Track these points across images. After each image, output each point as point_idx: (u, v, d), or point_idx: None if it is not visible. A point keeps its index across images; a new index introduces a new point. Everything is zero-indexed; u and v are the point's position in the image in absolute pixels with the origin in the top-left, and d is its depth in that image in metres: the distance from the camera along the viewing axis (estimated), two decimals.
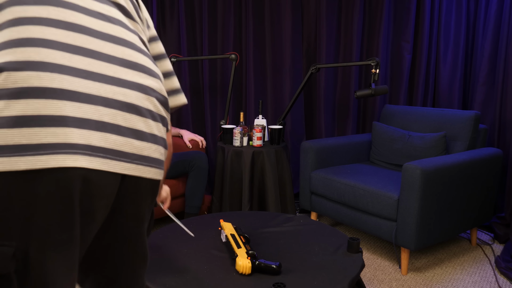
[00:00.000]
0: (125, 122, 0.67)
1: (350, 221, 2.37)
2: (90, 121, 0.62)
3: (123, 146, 0.66)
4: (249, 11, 3.10)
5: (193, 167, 2.45)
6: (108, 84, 0.68)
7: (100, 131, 0.63)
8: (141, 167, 0.70)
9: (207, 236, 1.67)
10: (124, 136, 0.67)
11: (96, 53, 0.69)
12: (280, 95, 3.25)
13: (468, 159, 2.20)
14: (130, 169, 0.68)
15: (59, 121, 0.59)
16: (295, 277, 1.34)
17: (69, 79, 0.63)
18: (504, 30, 2.57)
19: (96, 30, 0.71)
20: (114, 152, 0.65)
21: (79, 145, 0.60)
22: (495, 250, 2.43)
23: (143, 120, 0.71)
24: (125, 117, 0.67)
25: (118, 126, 0.66)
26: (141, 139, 0.70)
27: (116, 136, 0.65)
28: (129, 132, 0.68)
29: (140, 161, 0.69)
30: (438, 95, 3.00)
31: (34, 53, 0.62)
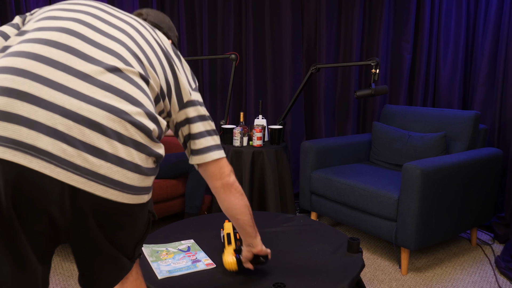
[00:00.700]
0: (81, 136, 0.68)
1: (350, 221, 2.37)
2: (42, 125, 0.64)
3: (73, 157, 0.67)
4: (249, 11, 3.10)
5: (193, 167, 2.45)
6: (78, 100, 0.70)
7: (50, 137, 0.65)
8: (94, 183, 0.69)
9: (207, 236, 1.67)
10: (77, 148, 0.67)
11: (83, 74, 0.73)
12: (280, 95, 3.25)
13: (468, 159, 2.20)
14: (78, 182, 0.68)
15: (12, 118, 0.62)
16: (295, 277, 1.34)
17: (38, 86, 0.67)
18: (504, 30, 2.57)
19: (94, 57, 0.76)
20: (61, 160, 0.65)
21: (23, 143, 0.63)
22: (495, 250, 2.43)
23: (107, 140, 0.71)
24: (83, 131, 0.68)
25: (72, 137, 0.67)
26: (99, 157, 0.70)
27: (66, 146, 0.66)
28: (84, 147, 0.68)
29: (93, 178, 0.69)
30: (438, 95, 3.00)
31: (22, 62, 0.68)
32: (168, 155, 2.53)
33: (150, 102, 0.83)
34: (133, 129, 0.76)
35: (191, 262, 1.43)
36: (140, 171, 0.77)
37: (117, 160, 0.72)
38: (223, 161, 1.07)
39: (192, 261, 1.44)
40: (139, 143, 0.77)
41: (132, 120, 0.76)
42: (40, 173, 0.64)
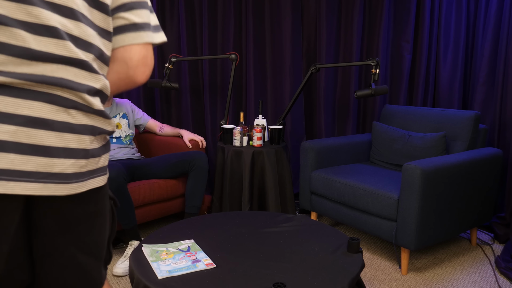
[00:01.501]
0: (28, 139, 0.61)
1: (350, 221, 2.37)
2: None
3: (23, 165, 0.60)
4: (249, 11, 3.10)
5: (193, 167, 2.45)
6: (11, 97, 0.60)
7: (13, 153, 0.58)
8: (52, 185, 0.64)
9: (207, 236, 1.67)
10: (25, 154, 0.61)
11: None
12: (280, 95, 3.25)
13: (468, 159, 2.20)
14: (35, 189, 0.62)
15: None
16: (295, 277, 1.34)
17: None
18: (504, 30, 2.57)
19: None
20: (11, 172, 0.59)
21: None
22: (495, 250, 2.43)
23: (56, 134, 0.64)
24: (29, 133, 0.61)
25: (19, 143, 0.60)
26: (50, 156, 0.64)
27: (14, 155, 0.59)
28: (32, 149, 0.61)
29: (49, 179, 0.63)
30: (438, 95, 3.00)
31: None
32: (168, 155, 2.53)
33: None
34: (80, 114, 0.68)
35: (191, 262, 1.44)
36: (88, 155, 0.71)
37: (67, 153, 0.66)
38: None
39: (192, 261, 1.44)
40: (87, 125, 0.70)
41: (76, 106, 0.67)
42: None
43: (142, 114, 2.79)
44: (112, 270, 2.11)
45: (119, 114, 2.63)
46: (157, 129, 2.81)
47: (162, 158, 2.51)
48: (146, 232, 2.66)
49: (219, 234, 1.69)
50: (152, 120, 2.83)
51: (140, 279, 1.32)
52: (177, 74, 3.25)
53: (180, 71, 3.23)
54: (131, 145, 2.66)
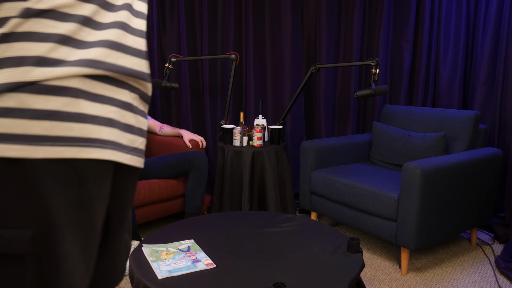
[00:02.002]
0: (122, 118, 0.72)
1: (350, 221, 2.37)
2: (100, 118, 0.67)
3: (121, 139, 0.72)
4: (249, 11, 3.10)
5: (193, 167, 2.45)
6: (111, 85, 0.71)
7: (108, 126, 0.68)
8: (135, 157, 0.76)
9: (207, 236, 1.67)
10: (122, 130, 0.72)
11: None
12: (280, 95, 3.25)
13: (468, 159, 2.20)
14: (129, 160, 0.74)
15: (77, 117, 0.64)
16: (295, 277, 1.34)
17: (87, 81, 0.67)
18: (504, 30, 2.57)
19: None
20: (116, 144, 0.70)
21: (94, 139, 0.66)
22: (495, 250, 2.43)
23: (135, 116, 0.75)
24: (122, 114, 0.72)
25: (119, 122, 0.72)
26: (132, 133, 0.75)
27: (118, 131, 0.71)
28: (124, 127, 0.73)
29: (134, 152, 0.75)
30: (438, 95, 3.00)
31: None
32: (168, 155, 2.53)
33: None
34: (142, 101, 0.80)
35: (191, 262, 1.44)
36: (146, 136, 0.84)
37: (140, 132, 0.77)
38: None
39: (192, 261, 1.44)
40: (144, 112, 0.82)
41: (141, 95, 0.79)
42: (106, 160, 0.69)
43: None
44: None
45: None
46: (157, 129, 2.81)
47: (162, 158, 2.51)
48: (146, 232, 2.66)
49: (219, 234, 1.69)
50: (152, 120, 2.83)
51: (140, 279, 1.32)
52: (177, 74, 3.25)
53: (180, 71, 3.23)
54: None
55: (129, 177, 0.79)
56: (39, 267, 0.62)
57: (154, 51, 3.16)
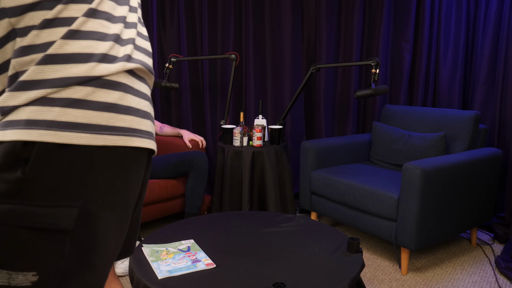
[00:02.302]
0: (150, 111, 0.81)
1: (350, 221, 2.37)
2: (140, 111, 0.75)
3: (152, 129, 0.80)
4: (249, 11, 3.10)
5: (193, 167, 2.45)
6: (138, 80, 0.79)
7: (144, 118, 0.76)
8: (153, 142, 0.83)
9: (207, 236, 1.67)
10: (149, 119, 0.80)
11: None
12: (280, 95, 3.25)
13: (468, 159, 2.20)
14: (151, 144, 0.81)
15: (127, 110, 0.72)
16: (295, 277, 1.34)
17: (132, 80, 0.76)
18: (504, 30, 2.57)
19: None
20: (150, 134, 0.79)
21: (136, 129, 0.73)
22: (495, 250, 2.43)
23: (149, 104, 0.83)
24: (150, 107, 0.81)
25: (147, 113, 0.79)
26: (150, 119, 0.83)
27: (150, 123, 0.79)
28: (148, 116, 0.80)
29: (152, 137, 0.82)
30: (438, 95, 3.00)
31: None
32: (168, 155, 2.53)
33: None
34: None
35: (191, 262, 1.44)
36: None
37: (152, 117, 0.84)
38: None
39: (192, 261, 1.44)
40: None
41: (146, 83, 0.87)
42: (145, 148, 0.77)
43: None
44: None
45: None
46: (157, 129, 2.81)
47: (162, 158, 2.51)
48: (146, 232, 2.66)
49: (219, 234, 1.69)
50: None
51: (140, 279, 1.32)
52: (177, 74, 3.25)
53: (180, 71, 3.23)
54: None
55: (149, 162, 0.86)
56: (80, 241, 0.67)
57: (154, 51, 3.16)
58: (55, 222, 0.64)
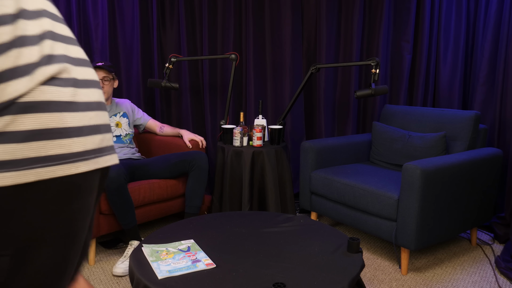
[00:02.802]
0: (101, 120, 0.72)
1: (350, 221, 2.37)
2: (84, 128, 0.65)
3: (102, 142, 0.71)
4: (249, 11, 3.10)
5: (193, 167, 2.45)
6: (89, 88, 0.70)
7: (91, 135, 0.67)
8: (113, 155, 0.75)
9: (207, 236, 1.67)
10: (102, 133, 0.71)
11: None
12: (280, 95, 3.25)
13: (468, 159, 2.20)
14: (108, 161, 0.73)
15: (63, 133, 0.61)
16: (295, 277, 1.34)
17: (64, 90, 0.64)
18: (504, 30, 2.57)
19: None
20: (99, 150, 0.69)
21: (79, 152, 0.63)
22: (495, 250, 2.43)
23: (106, 114, 0.76)
24: (99, 114, 0.72)
25: (99, 125, 0.70)
26: (108, 132, 0.75)
27: (98, 136, 0.70)
28: (104, 128, 0.72)
29: (110, 152, 0.74)
30: (438, 95, 3.00)
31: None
32: (168, 155, 2.53)
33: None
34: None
35: (191, 262, 1.44)
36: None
37: (109, 129, 0.78)
38: None
39: (192, 261, 1.44)
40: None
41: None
42: (94, 170, 0.69)
43: (142, 114, 2.79)
44: (112, 270, 2.11)
45: (119, 113, 2.63)
46: (157, 129, 2.81)
47: (162, 158, 2.51)
48: (146, 232, 2.66)
49: (219, 234, 1.69)
50: (152, 120, 2.83)
51: (140, 279, 1.32)
52: (177, 74, 3.25)
53: (180, 71, 3.23)
54: (131, 144, 2.66)
55: (103, 179, 0.77)
56: (17, 285, 0.60)
57: (154, 51, 3.16)
58: None
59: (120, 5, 3.04)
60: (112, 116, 2.59)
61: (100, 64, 2.46)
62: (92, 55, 2.99)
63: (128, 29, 3.09)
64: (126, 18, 3.07)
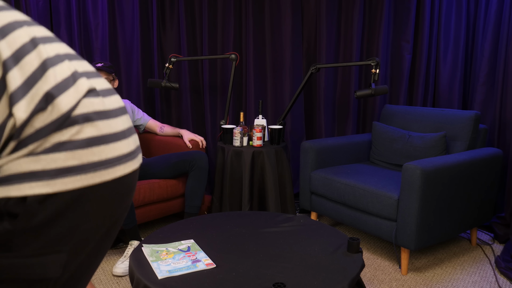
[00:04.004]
0: (129, 123, 0.76)
1: (350, 221, 2.37)
2: (124, 131, 0.72)
3: (136, 142, 0.76)
4: (249, 11, 3.10)
5: (193, 167, 2.45)
6: (111, 96, 0.75)
7: (127, 137, 0.73)
8: (140, 154, 0.80)
9: (207, 236, 1.67)
10: (132, 134, 0.76)
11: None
12: (280, 95, 3.25)
13: (468, 159, 2.20)
14: (140, 158, 0.78)
15: (114, 137, 0.68)
16: (295, 277, 1.34)
17: (96, 101, 0.70)
18: (504, 30, 2.57)
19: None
20: (137, 149, 0.76)
21: (127, 153, 0.70)
22: (495, 250, 2.43)
23: (128, 117, 0.80)
24: (124, 119, 0.76)
25: (130, 128, 0.76)
26: (134, 132, 0.79)
27: (133, 136, 0.75)
28: (132, 130, 0.77)
29: (140, 150, 0.79)
30: (438, 95, 3.00)
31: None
32: (168, 155, 2.53)
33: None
34: None
35: (191, 262, 1.44)
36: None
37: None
38: None
39: (192, 261, 1.44)
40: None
41: None
42: (133, 171, 0.74)
43: (142, 114, 2.79)
44: (112, 270, 2.11)
45: None
46: (157, 129, 2.81)
47: (162, 158, 2.51)
48: (146, 232, 2.66)
49: (219, 234, 1.69)
50: (152, 120, 2.83)
51: (140, 279, 1.32)
52: (177, 74, 3.25)
53: (180, 71, 3.23)
54: None
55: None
56: (63, 282, 0.65)
57: (154, 51, 3.16)
58: (42, 272, 0.61)
59: (120, 5, 3.04)
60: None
61: (99, 66, 2.46)
62: (92, 55, 2.99)
63: (128, 29, 3.09)
64: (126, 18, 3.07)
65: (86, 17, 2.93)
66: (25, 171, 0.59)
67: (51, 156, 0.61)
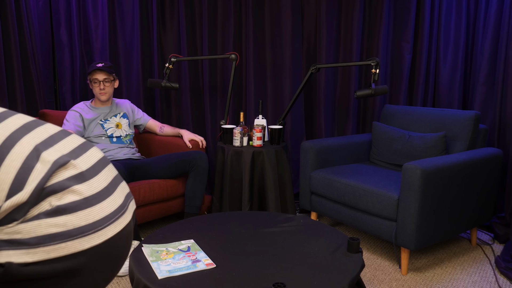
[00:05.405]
0: (110, 177, 0.79)
1: (350, 221, 2.37)
2: (102, 190, 0.74)
3: (117, 201, 0.78)
4: (249, 11, 3.10)
5: (193, 167, 2.45)
6: (88, 150, 0.81)
7: (110, 195, 0.75)
8: (133, 201, 0.86)
9: (207, 236, 1.67)
10: (113, 193, 0.78)
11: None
12: (280, 95, 3.25)
13: (468, 159, 2.20)
14: (133, 205, 0.83)
15: (97, 199, 0.72)
16: (295, 277, 1.34)
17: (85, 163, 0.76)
18: (504, 30, 2.57)
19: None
20: (120, 207, 0.77)
21: (114, 211, 0.73)
22: (495, 250, 2.43)
23: (112, 167, 0.86)
24: (105, 172, 0.80)
25: (107, 186, 0.76)
26: (121, 181, 0.87)
27: (113, 195, 0.77)
28: (113, 186, 0.79)
29: (131, 197, 0.85)
30: (438, 95, 3.00)
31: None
32: (168, 155, 2.53)
33: None
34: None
35: (191, 262, 1.44)
36: None
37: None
38: None
39: (192, 261, 1.44)
40: None
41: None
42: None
43: (142, 114, 2.79)
44: None
45: (119, 113, 2.63)
46: (157, 129, 2.81)
47: (162, 158, 2.51)
48: (146, 232, 2.66)
49: (219, 234, 1.69)
50: (152, 120, 2.83)
51: (140, 279, 1.32)
52: (177, 74, 3.25)
53: (180, 71, 3.23)
54: (131, 144, 2.66)
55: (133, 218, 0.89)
56: None
57: (154, 51, 3.16)
58: None
59: (120, 5, 3.04)
60: (112, 117, 2.59)
61: (100, 66, 2.46)
62: (92, 55, 2.99)
63: (128, 29, 3.09)
64: (126, 18, 3.07)
65: (86, 17, 2.93)
66: (2, 238, 0.60)
67: (30, 224, 0.62)
